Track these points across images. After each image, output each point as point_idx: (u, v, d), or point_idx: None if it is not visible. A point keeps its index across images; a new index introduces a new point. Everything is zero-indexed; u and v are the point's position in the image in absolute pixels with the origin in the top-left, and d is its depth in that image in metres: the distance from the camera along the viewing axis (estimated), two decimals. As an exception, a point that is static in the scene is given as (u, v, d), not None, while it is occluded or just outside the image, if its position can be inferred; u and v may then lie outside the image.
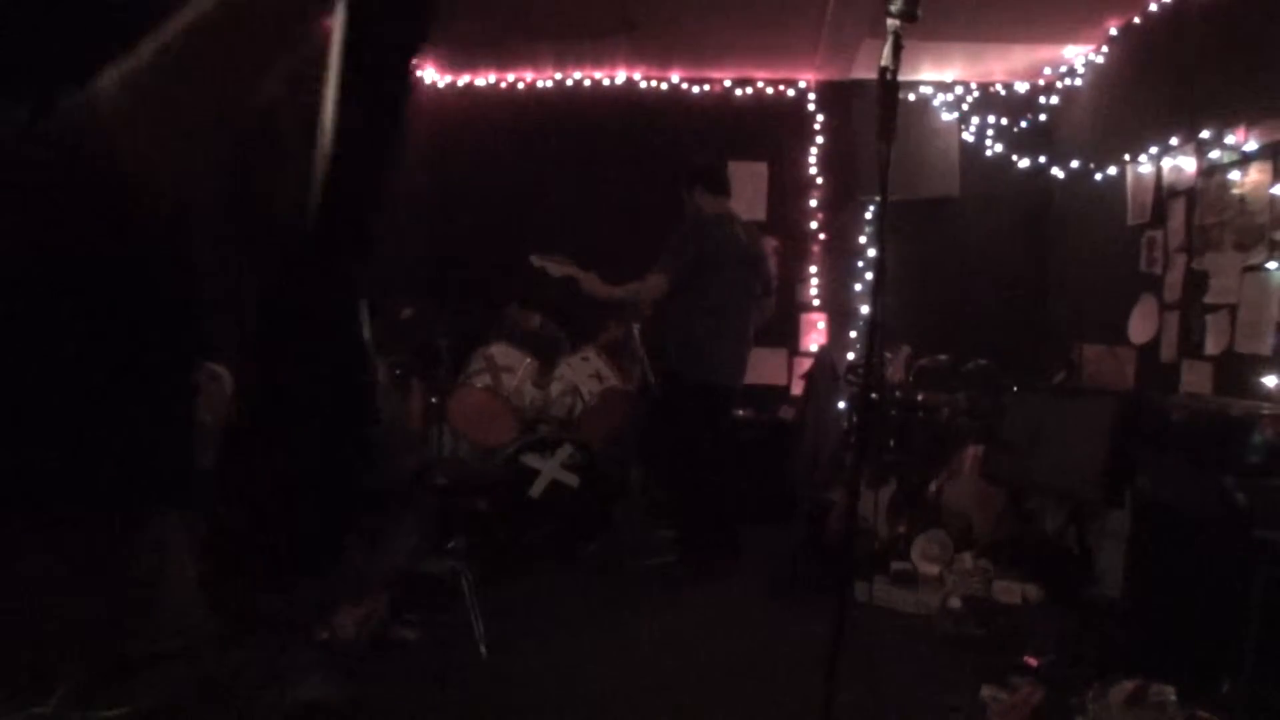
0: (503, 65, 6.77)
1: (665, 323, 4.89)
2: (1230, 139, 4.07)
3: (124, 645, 1.01)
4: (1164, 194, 4.71)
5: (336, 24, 0.94)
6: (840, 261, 6.75)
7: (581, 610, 4.21)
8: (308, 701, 2.90)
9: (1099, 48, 5.65)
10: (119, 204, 0.90)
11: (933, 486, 5.10)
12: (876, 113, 2.27)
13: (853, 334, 6.69)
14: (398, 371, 4.84)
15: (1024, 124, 6.45)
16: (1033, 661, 3.38)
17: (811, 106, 6.78)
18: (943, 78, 6.51)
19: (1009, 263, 6.55)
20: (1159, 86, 4.91)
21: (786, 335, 6.70)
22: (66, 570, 0.98)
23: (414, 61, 1.00)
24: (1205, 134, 4.25)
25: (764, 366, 6.32)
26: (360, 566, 3.73)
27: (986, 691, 3.13)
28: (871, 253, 6.55)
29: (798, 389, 6.38)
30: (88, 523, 1.01)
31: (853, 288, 6.70)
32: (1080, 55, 5.90)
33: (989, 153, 6.48)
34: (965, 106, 6.53)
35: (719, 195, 5.02)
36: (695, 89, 6.78)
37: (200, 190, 1.00)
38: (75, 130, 0.86)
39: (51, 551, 0.98)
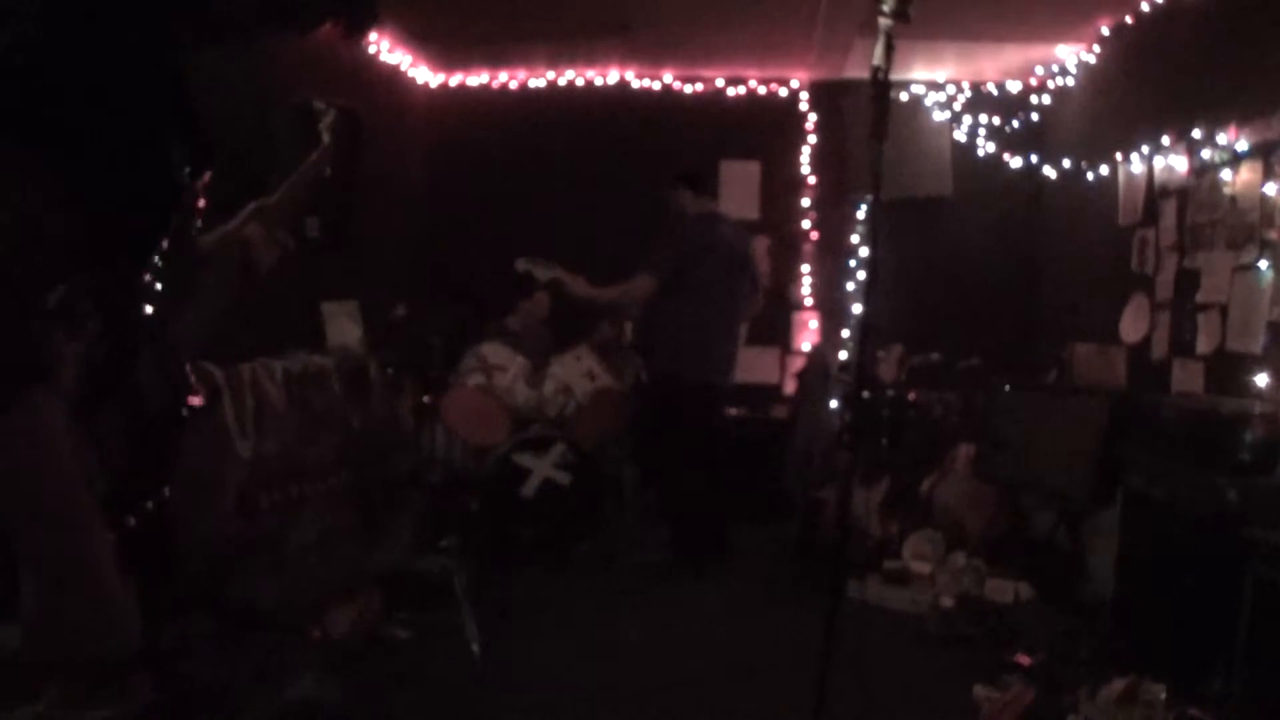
0: (495, 64, 6.75)
1: (654, 322, 4.89)
2: (1222, 138, 4.08)
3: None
4: (1155, 193, 4.72)
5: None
6: (832, 261, 6.75)
7: (573, 609, 4.20)
8: (300, 700, 2.90)
9: (1090, 47, 5.66)
10: None
11: (925, 485, 5.11)
12: (869, 112, 2.28)
13: (845, 333, 6.69)
14: (390, 370, 4.83)
15: (1016, 123, 6.46)
16: (1024, 660, 3.39)
17: (804, 106, 6.79)
18: (935, 77, 6.52)
19: (1001, 262, 6.57)
20: (1150, 86, 4.92)
21: (779, 334, 6.71)
22: None
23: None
24: (1197, 133, 4.26)
25: (756, 365, 6.33)
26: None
27: (979, 690, 3.14)
28: (864, 252, 6.56)
29: (790, 388, 6.38)
30: None
31: (845, 287, 6.71)
32: (1072, 54, 5.91)
33: (981, 152, 6.49)
34: (957, 106, 6.53)
35: (703, 195, 5.03)
36: (688, 88, 6.78)
37: None
38: None
39: None
